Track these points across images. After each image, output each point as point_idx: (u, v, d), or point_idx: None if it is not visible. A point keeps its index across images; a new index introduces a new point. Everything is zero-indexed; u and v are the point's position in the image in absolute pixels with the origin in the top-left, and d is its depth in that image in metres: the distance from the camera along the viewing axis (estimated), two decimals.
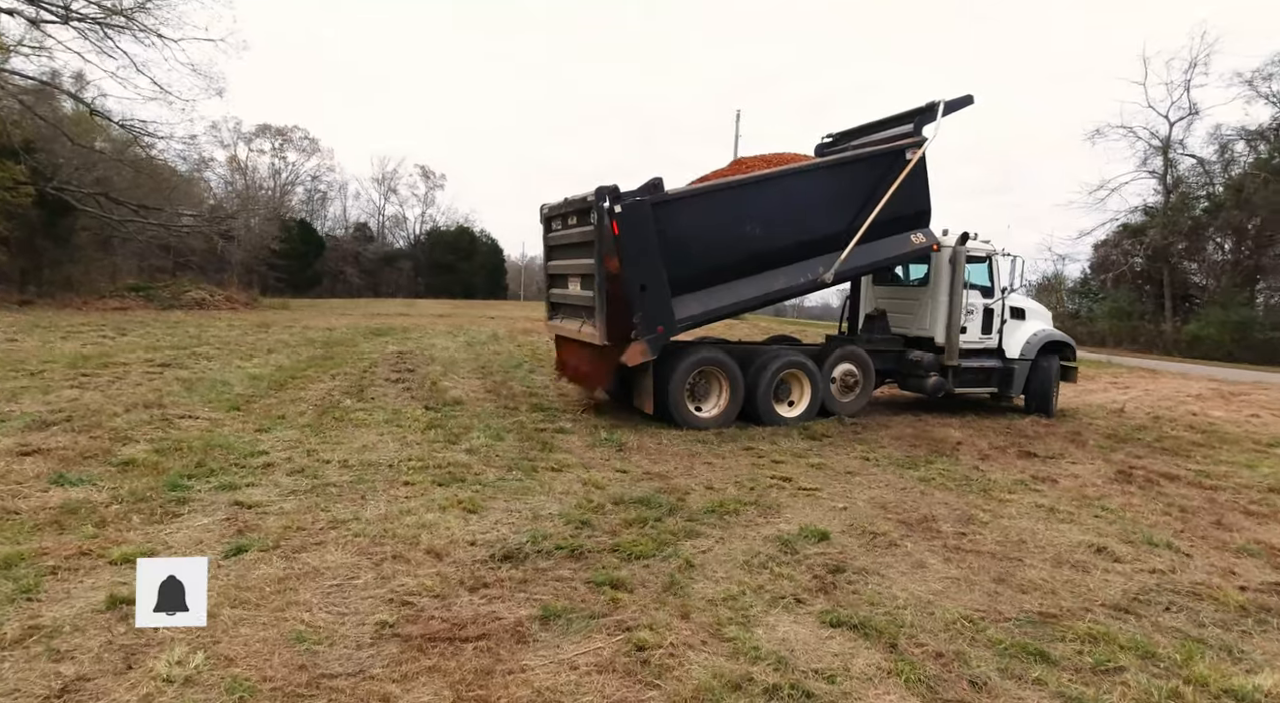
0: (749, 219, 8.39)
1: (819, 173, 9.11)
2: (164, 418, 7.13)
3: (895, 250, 9.66)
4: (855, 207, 9.04)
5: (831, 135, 11.29)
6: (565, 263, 9.17)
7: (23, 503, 4.45)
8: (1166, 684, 2.90)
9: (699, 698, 2.68)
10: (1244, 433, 9.79)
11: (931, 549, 4.52)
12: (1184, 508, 5.72)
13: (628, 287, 7.72)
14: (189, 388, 8.98)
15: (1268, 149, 33.85)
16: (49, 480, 4.93)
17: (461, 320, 28.45)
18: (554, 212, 9.31)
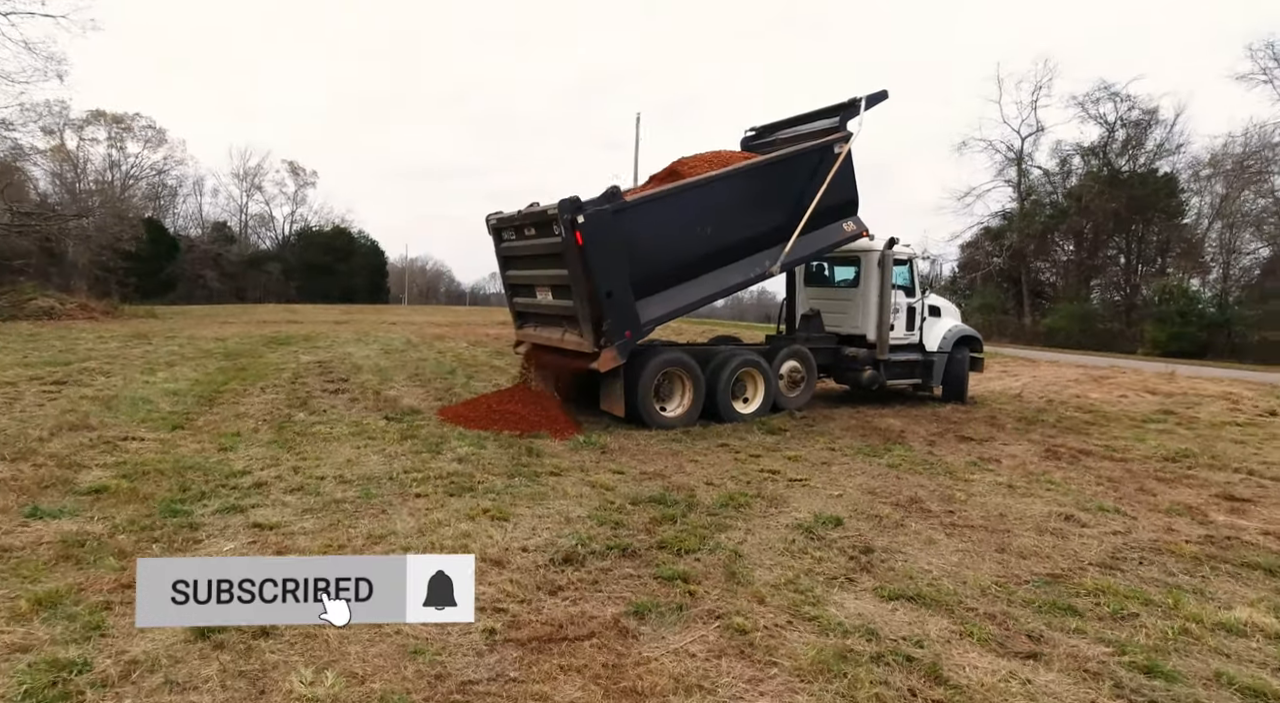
0: (702, 219, 8.73)
1: (761, 170, 9.44)
2: (104, 441, 6.51)
3: (830, 238, 10.30)
4: (793, 200, 9.55)
5: (755, 128, 11.76)
6: (530, 273, 9.20)
7: (10, 540, 4.01)
8: (1174, 624, 3.46)
9: (819, 670, 2.94)
10: (1120, 412, 11.28)
11: (932, 527, 5.01)
12: (1110, 479, 6.62)
13: (595, 294, 7.87)
14: (109, 407, 8.19)
15: (1098, 163, 38.62)
16: (23, 514, 4.45)
17: (362, 326, 27.19)
18: (506, 222, 9.28)
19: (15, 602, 3.26)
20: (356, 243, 66.01)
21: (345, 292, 59.47)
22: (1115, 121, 37.88)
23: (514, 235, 9.21)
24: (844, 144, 9.92)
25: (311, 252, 62.15)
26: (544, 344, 9.19)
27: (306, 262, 61.51)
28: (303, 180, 67.60)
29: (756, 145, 11.41)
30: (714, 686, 2.80)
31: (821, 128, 10.48)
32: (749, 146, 11.52)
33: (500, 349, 18.14)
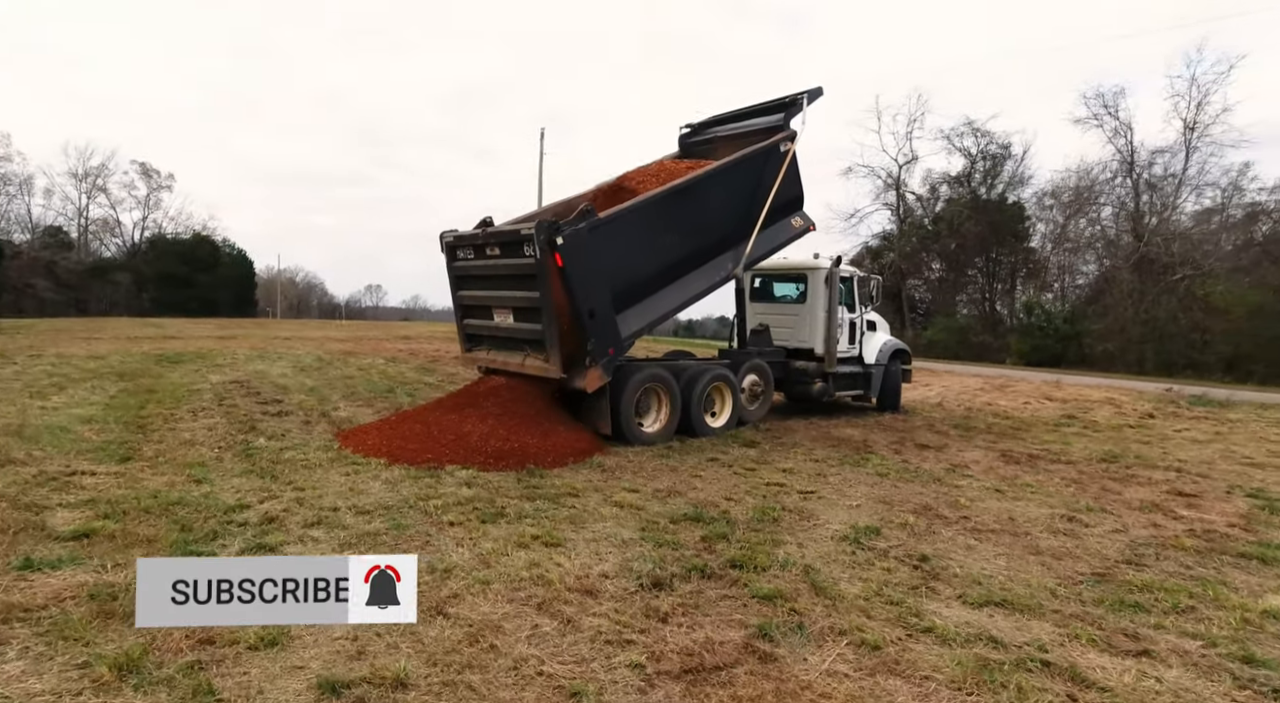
0: (669, 228, 8.81)
1: (719, 175, 9.50)
2: (49, 477, 5.65)
3: (783, 235, 10.64)
4: (748, 201, 9.78)
5: (690, 125, 11.89)
6: (488, 293, 8.80)
7: (22, 597, 3.40)
8: (1233, 615, 3.89)
9: (975, 681, 3.06)
10: (1033, 417, 12.46)
11: (960, 533, 5.34)
12: (1073, 480, 7.31)
13: (577, 315, 7.78)
14: (23, 438, 7.10)
15: (964, 191, 42.59)
16: (15, 567, 3.78)
17: (253, 342, 25.08)
18: (464, 240, 8.94)
19: (92, 669, 2.78)
20: (221, 252, 60.61)
21: (207, 305, 54.26)
22: (976, 154, 42.01)
23: (472, 254, 8.86)
24: (790, 143, 10.20)
25: (168, 261, 55.92)
26: (499, 369, 8.72)
27: (162, 272, 55.28)
28: (156, 183, 60.19)
29: (694, 143, 11.57)
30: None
31: (763, 125, 10.66)
32: (686, 144, 11.65)
33: (424, 365, 17.40)
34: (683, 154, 11.69)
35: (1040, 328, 32.97)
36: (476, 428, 7.31)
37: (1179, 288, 31.59)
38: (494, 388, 8.39)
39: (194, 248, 58.06)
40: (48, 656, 2.94)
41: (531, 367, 8.00)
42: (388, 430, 7.76)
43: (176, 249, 57.42)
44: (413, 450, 6.98)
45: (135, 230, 60.39)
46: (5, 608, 3.30)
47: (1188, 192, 34.91)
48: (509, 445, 7.05)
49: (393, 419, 8.41)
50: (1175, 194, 35.16)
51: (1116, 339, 31.68)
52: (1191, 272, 31.62)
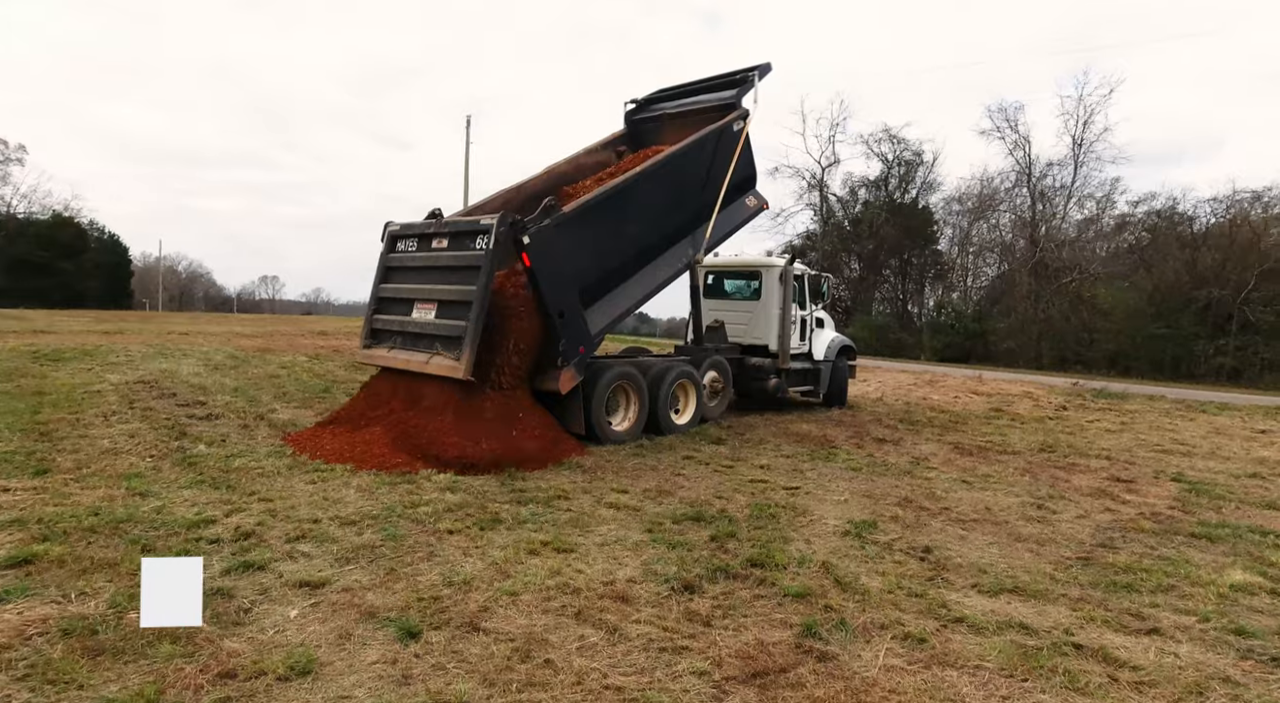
0: (630, 218, 8.65)
1: (677, 159, 9.16)
2: None
3: (739, 216, 10.63)
4: (704, 184, 9.68)
5: (636, 101, 11.68)
6: (416, 286, 8.11)
7: None
8: (1210, 590, 4.18)
9: (1027, 668, 3.13)
10: (965, 411, 13.15)
11: (947, 524, 5.52)
12: (1023, 470, 7.73)
13: (546, 315, 7.56)
14: None
15: (883, 195, 44.64)
16: None
17: (145, 337, 22.95)
18: (410, 230, 8.45)
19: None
20: (88, 237, 54.92)
21: (73, 295, 48.90)
22: (893, 160, 44.11)
23: (415, 246, 8.38)
24: (743, 122, 10.12)
25: (21, 244, 49.79)
26: (397, 368, 7.80)
27: (15, 257, 49.13)
28: (4, 155, 53.15)
29: (640, 119, 11.38)
30: (960, 696, 2.86)
31: (714, 102, 10.55)
32: (632, 120, 11.43)
33: (352, 363, 16.46)
34: (630, 131, 11.43)
35: (951, 326, 34.97)
36: (449, 428, 6.86)
37: (1068, 290, 34.32)
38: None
39: (54, 230, 51.98)
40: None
41: (436, 366, 7.19)
42: (344, 434, 7.25)
43: (32, 231, 51.31)
44: (379, 454, 6.54)
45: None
46: None
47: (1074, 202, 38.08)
48: (489, 449, 6.66)
49: (343, 420, 7.85)
50: (1066, 204, 38.16)
51: (1018, 337, 34.03)
52: (1079, 276, 34.45)
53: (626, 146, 11.38)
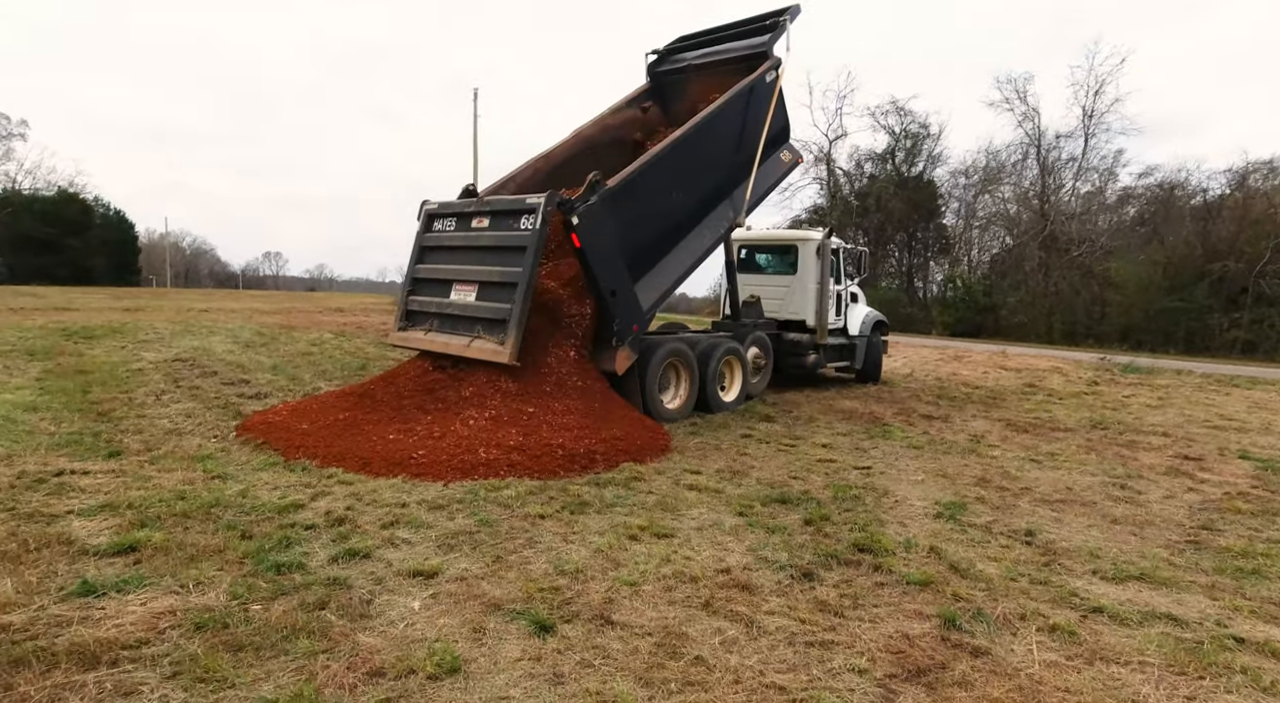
0: (672, 186, 8.35)
1: (715, 118, 8.74)
2: (34, 478, 4.80)
3: (775, 173, 10.25)
4: (737, 142, 9.25)
5: (657, 51, 11.15)
6: (455, 267, 7.78)
7: (109, 630, 2.78)
8: None
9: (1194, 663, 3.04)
10: (999, 387, 13.03)
11: (1035, 505, 5.42)
12: (1088, 448, 7.62)
13: (598, 295, 7.38)
14: None
15: (890, 168, 44.08)
16: (75, 593, 3.12)
17: (168, 315, 22.82)
18: (449, 209, 8.16)
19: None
20: (94, 213, 54.10)
21: (80, 272, 48.28)
22: (900, 132, 43.45)
23: (453, 225, 8.09)
24: (776, 72, 9.64)
25: (27, 221, 48.98)
26: (437, 352, 7.41)
27: (21, 234, 48.43)
28: (6, 131, 51.85)
29: (663, 72, 10.92)
30: (1141, 696, 2.76)
31: (742, 50, 10.06)
32: (655, 73, 10.97)
33: (379, 340, 16.32)
34: (653, 85, 10.96)
35: (962, 300, 34.75)
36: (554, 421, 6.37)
37: (1077, 263, 34.04)
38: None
39: (60, 207, 51.22)
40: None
41: (478, 350, 6.85)
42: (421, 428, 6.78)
43: (37, 208, 50.51)
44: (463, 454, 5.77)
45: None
46: (101, 645, 2.70)
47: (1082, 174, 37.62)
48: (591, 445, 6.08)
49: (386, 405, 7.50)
50: (1076, 176, 37.69)
51: (1029, 311, 33.86)
52: (1089, 249, 34.15)
53: (652, 102, 10.92)
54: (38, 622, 2.86)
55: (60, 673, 2.53)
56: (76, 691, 2.45)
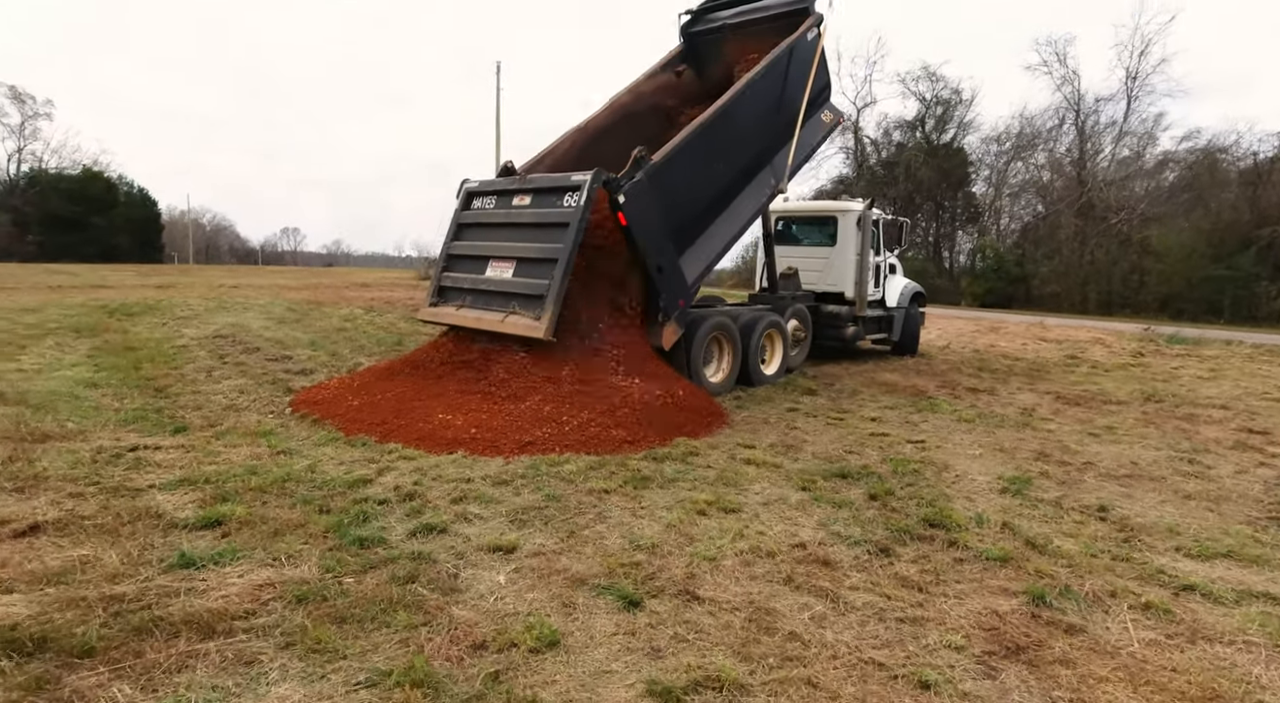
0: (716, 155, 8.16)
1: (758, 81, 8.51)
2: (110, 453, 4.89)
3: (816, 135, 10.00)
4: (778, 105, 8.98)
5: (690, 11, 10.79)
6: (493, 244, 7.63)
7: (215, 601, 2.83)
8: None
9: None
10: (1042, 359, 12.80)
11: (1101, 479, 5.32)
12: (1146, 421, 7.47)
13: (644, 271, 7.29)
14: (30, 404, 6.19)
15: (920, 136, 43.03)
16: (175, 564, 3.19)
17: (199, 291, 23.17)
18: (489, 187, 8.07)
19: (387, 689, 2.32)
20: (118, 190, 54.68)
21: (106, 250, 49.00)
22: (930, 99, 42.30)
23: (492, 203, 7.99)
24: (818, 29, 9.31)
25: (54, 200, 49.67)
26: (468, 327, 7.38)
27: (49, 212, 49.15)
28: (31, 111, 52.26)
29: (697, 32, 10.56)
30: (1252, 677, 2.70)
31: (779, 7, 9.72)
32: (689, 34, 10.60)
33: (409, 315, 16.43)
34: (687, 47, 10.60)
35: (993, 270, 34.10)
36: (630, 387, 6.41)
37: (1114, 231, 33.15)
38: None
39: (85, 185, 51.89)
40: (317, 674, 2.46)
41: (512, 325, 6.77)
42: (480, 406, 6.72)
43: (64, 186, 51.13)
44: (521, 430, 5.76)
45: (10, 164, 53.07)
46: (214, 616, 2.75)
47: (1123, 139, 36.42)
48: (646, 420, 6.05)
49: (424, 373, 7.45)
50: (1116, 141, 36.52)
51: (1063, 281, 33.13)
52: (1127, 216, 33.20)
53: (686, 65, 10.60)
54: (148, 592, 2.92)
55: (183, 642, 2.59)
56: (201, 658, 2.50)
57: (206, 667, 2.47)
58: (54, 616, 2.71)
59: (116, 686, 2.35)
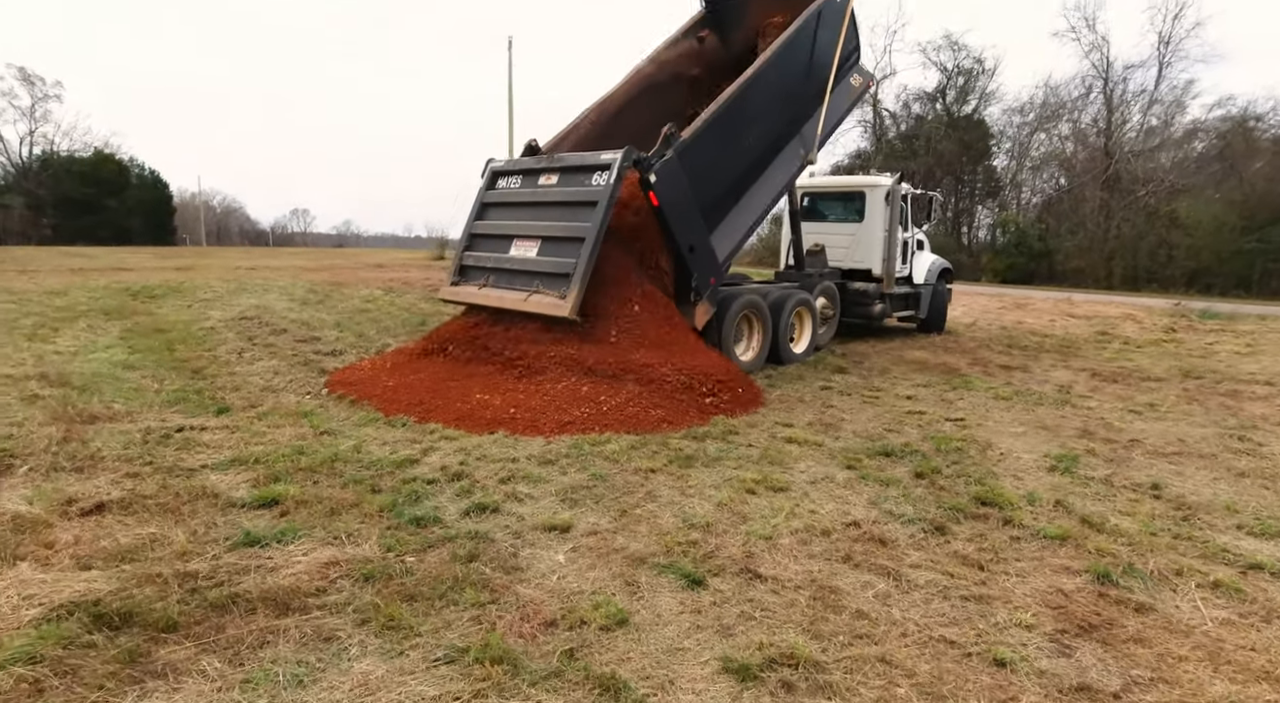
0: (745, 128, 7.99)
1: (782, 50, 8.30)
2: (159, 434, 4.94)
3: (846, 101, 9.72)
4: (806, 71, 8.78)
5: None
6: (518, 223, 7.54)
7: (284, 579, 2.86)
8: None
9: None
10: (1072, 335, 12.63)
11: (1150, 457, 5.25)
12: (1188, 398, 7.36)
13: (676, 251, 7.22)
14: (73, 386, 6.26)
15: (940, 108, 42.23)
16: (240, 543, 3.22)
17: (215, 272, 23.30)
18: (515, 166, 7.96)
19: (467, 666, 2.34)
20: (129, 173, 54.81)
21: (120, 232, 49.08)
22: (952, 69, 41.42)
23: (517, 182, 7.90)
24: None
25: (68, 183, 49.55)
26: (489, 305, 7.32)
27: (63, 195, 49.08)
28: (41, 92, 51.58)
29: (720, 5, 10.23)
30: None
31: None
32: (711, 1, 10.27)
33: (429, 296, 16.45)
34: (709, 11, 10.27)
35: (1015, 246, 33.60)
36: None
37: (1141, 204, 32.49)
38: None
39: (97, 168, 51.71)
40: (395, 650, 2.48)
41: (536, 304, 6.71)
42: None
43: (76, 169, 51.04)
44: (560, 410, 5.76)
45: (21, 147, 53.03)
46: (287, 593, 2.78)
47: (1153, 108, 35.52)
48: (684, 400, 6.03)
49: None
50: (1145, 110, 35.65)
51: (1087, 256, 32.61)
52: (1154, 188, 32.50)
53: (708, 30, 10.31)
54: (219, 570, 2.96)
55: (261, 618, 2.62)
56: (281, 634, 2.53)
57: (287, 642, 2.49)
58: (133, 591, 2.75)
59: (205, 659, 2.38)
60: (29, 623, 2.50)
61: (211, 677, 2.30)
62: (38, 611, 2.58)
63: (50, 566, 2.93)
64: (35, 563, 2.93)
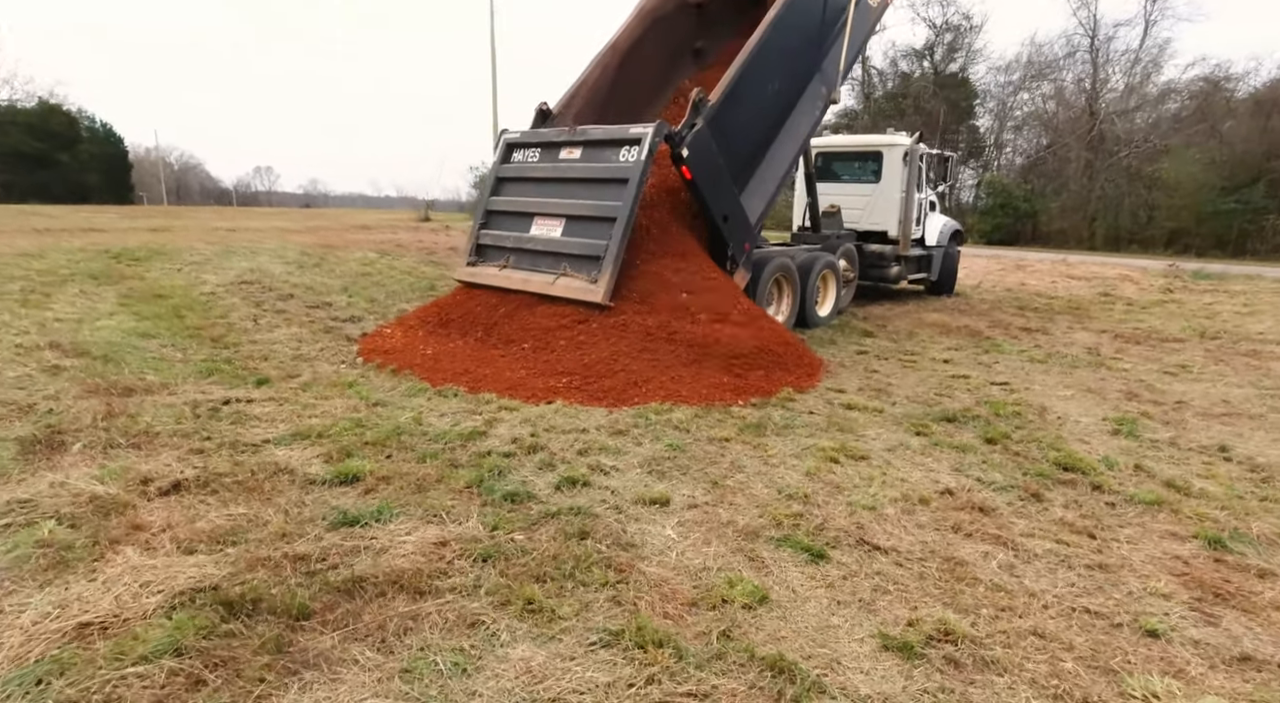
0: (770, 76, 7.63)
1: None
2: (206, 407, 4.71)
3: (864, 26, 9.20)
4: (823, 3, 8.28)
5: None
6: (539, 200, 7.14)
7: (398, 561, 2.73)
8: None
9: None
10: (1077, 297, 12.76)
11: (1201, 419, 5.32)
12: (1215, 359, 7.46)
13: (710, 221, 7.05)
14: (95, 356, 5.96)
15: (925, 66, 41.80)
16: (335, 523, 3.07)
17: (192, 234, 22.44)
18: (532, 139, 7.50)
19: (624, 649, 2.26)
20: (79, 126, 52.18)
21: (75, 189, 46.78)
22: (941, 25, 40.90)
23: (536, 156, 7.46)
24: None
25: (14, 135, 46.50)
26: (512, 288, 6.85)
27: (9, 148, 46.14)
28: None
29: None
30: None
31: None
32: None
33: (428, 259, 16.05)
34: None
35: (1001, 207, 33.74)
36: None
37: (1123, 165, 32.73)
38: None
39: (44, 119, 49.04)
40: (545, 635, 2.38)
41: (565, 288, 6.37)
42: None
43: (22, 120, 48.26)
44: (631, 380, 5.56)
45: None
46: (413, 576, 2.65)
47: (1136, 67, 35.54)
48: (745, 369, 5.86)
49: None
50: (1128, 71, 35.67)
51: (1070, 217, 32.91)
52: (1136, 149, 32.72)
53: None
54: (329, 552, 2.82)
55: (397, 602, 2.50)
56: (423, 619, 2.42)
57: (432, 629, 2.38)
58: (247, 576, 2.61)
59: (354, 648, 2.26)
60: (156, 612, 2.36)
61: (367, 667, 2.19)
62: (159, 598, 2.43)
63: (154, 550, 2.77)
64: (138, 548, 2.77)
